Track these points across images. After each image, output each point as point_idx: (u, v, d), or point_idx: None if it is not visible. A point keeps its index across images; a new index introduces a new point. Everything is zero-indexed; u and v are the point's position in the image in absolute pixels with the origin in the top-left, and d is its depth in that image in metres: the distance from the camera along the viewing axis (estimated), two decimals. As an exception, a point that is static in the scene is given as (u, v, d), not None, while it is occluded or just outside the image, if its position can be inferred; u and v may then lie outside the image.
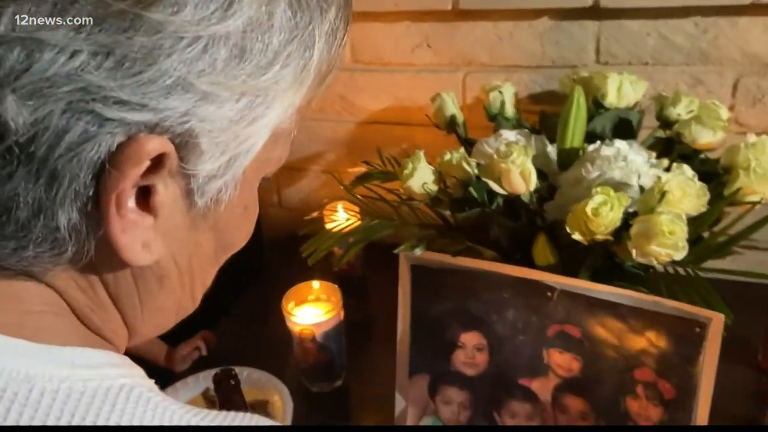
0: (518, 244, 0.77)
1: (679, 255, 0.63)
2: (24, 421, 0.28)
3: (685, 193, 0.66)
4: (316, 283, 0.97)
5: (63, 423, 0.28)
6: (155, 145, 0.29)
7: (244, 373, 0.93)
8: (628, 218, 0.68)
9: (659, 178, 0.68)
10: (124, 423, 0.29)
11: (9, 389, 0.28)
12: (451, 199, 0.80)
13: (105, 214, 0.30)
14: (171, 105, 0.28)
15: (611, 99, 0.90)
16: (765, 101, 0.98)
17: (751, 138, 0.75)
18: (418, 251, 0.77)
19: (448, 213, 0.82)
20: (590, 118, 0.86)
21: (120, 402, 0.30)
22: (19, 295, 0.32)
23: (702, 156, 0.82)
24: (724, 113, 0.79)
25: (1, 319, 0.31)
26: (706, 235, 0.74)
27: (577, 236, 0.66)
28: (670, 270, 0.73)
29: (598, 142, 0.78)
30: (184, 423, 0.31)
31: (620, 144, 0.77)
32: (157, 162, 0.30)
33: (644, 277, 0.72)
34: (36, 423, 0.28)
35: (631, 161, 0.74)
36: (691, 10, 0.96)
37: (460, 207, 0.79)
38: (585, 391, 0.75)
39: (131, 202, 0.30)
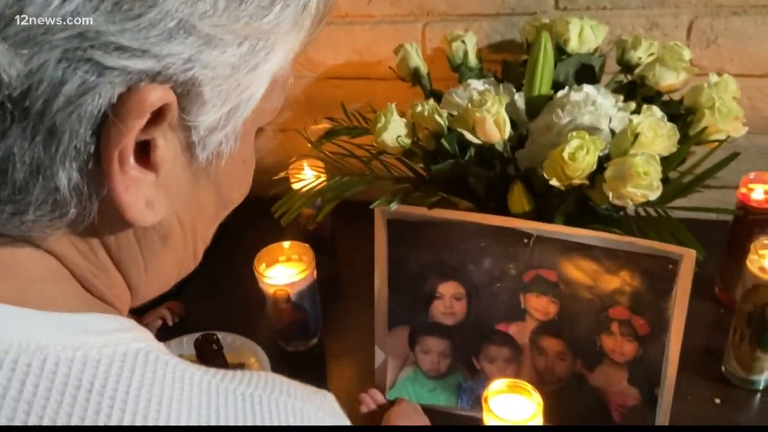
0: (493, 193, 0.77)
1: (654, 195, 0.64)
2: (41, 393, 0.26)
3: (656, 134, 0.67)
4: (286, 244, 0.95)
5: (82, 392, 0.27)
6: (158, 94, 0.27)
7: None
8: (601, 162, 0.69)
9: (631, 120, 0.69)
10: (146, 387, 0.28)
11: (21, 361, 0.26)
12: (424, 152, 0.79)
13: (108, 171, 0.28)
14: (174, 50, 0.27)
15: (573, 45, 0.90)
16: (719, 42, 1.00)
17: (714, 77, 0.77)
18: (393, 205, 0.77)
19: (420, 166, 0.81)
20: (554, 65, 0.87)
21: (139, 366, 0.29)
22: (20, 262, 0.30)
23: (665, 98, 0.83)
24: (687, 54, 0.80)
25: (4, 288, 0.29)
26: (673, 175, 0.76)
27: (554, 182, 0.67)
28: (641, 211, 0.75)
29: (567, 87, 0.79)
30: (204, 384, 0.30)
31: (588, 89, 0.77)
32: (158, 114, 0.28)
33: (617, 219, 0.74)
34: (54, 394, 0.26)
35: (600, 105, 0.75)
36: (647, -47, 0.97)
37: (434, 159, 0.78)
38: (562, 332, 0.77)
39: (132, 158, 0.28)
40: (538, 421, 0.61)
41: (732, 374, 0.85)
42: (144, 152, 0.29)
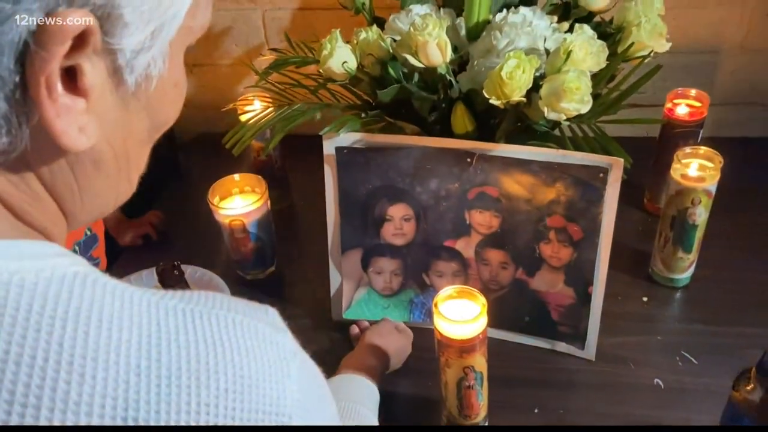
0: (437, 116, 0.80)
1: (585, 108, 0.69)
2: None
3: (587, 51, 0.71)
4: (236, 176, 0.97)
5: (22, 313, 0.27)
6: (77, 19, 0.27)
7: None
8: (537, 80, 0.73)
9: (564, 39, 0.72)
10: (85, 306, 0.29)
11: None
12: (370, 78, 0.81)
13: (37, 99, 0.28)
14: None
15: (510, -32, 0.93)
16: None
17: (639, -4, 0.81)
18: (342, 132, 0.79)
19: (367, 93, 0.84)
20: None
21: (77, 288, 0.29)
22: None
23: (597, 19, 0.87)
24: (616, -25, 0.84)
25: None
26: (603, 92, 0.81)
27: (494, 100, 0.71)
28: (575, 128, 0.80)
29: (505, 11, 0.81)
30: (144, 302, 0.31)
31: (525, 11, 0.80)
32: (81, 39, 0.28)
33: (552, 136, 0.78)
34: None
35: (536, 26, 0.78)
36: None
37: (380, 85, 0.81)
38: (504, 243, 0.83)
39: (60, 86, 0.29)
40: (484, 320, 0.67)
41: (657, 275, 0.93)
42: (71, 79, 0.29)
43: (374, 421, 0.70)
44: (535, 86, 0.73)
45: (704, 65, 1.14)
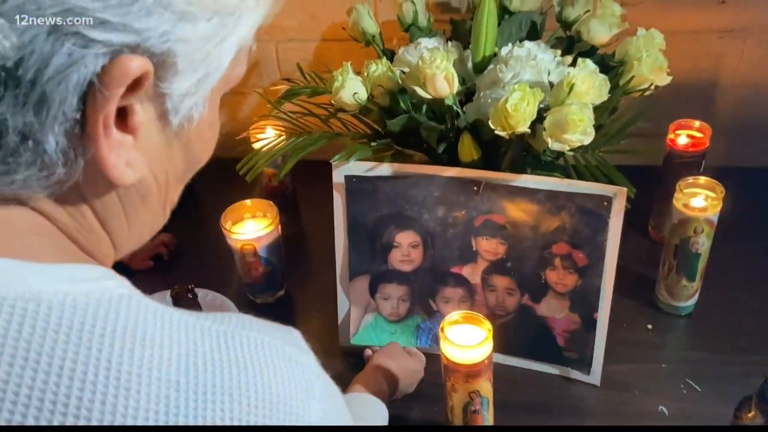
0: (445, 145, 0.83)
1: (588, 139, 0.71)
2: (37, 335, 0.29)
3: (589, 85, 0.74)
4: (248, 201, 1.00)
5: (74, 332, 0.30)
6: (138, 64, 0.30)
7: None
8: (541, 112, 0.76)
9: (568, 73, 0.75)
10: (130, 326, 0.31)
11: (18, 306, 0.29)
12: (380, 108, 0.84)
13: (94, 135, 0.31)
14: (151, 25, 0.30)
15: (516, 3, 0.96)
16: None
17: (642, 31, 0.84)
18: (352, 160, 0.82)
19: (376, 122, 0.86)
20: (498, 24, 0.92)
21: (123, 309, 0.32)
22: (10, 219, 0.33)
23: (599, 52, 0.90)
24: (618, 10, 0.87)
25: None
26: (605, 123, 0.84)
27: (499, 131, 0.73)
28: (579, 157, 0.82)
29: (510, 44, 0.84)
30: (183, 323, 0.33)
31: (530, 45, 0.83)
32: (136, 82, 0.31)
33: (557, 165, 0.81)
34: (49, 333, 0.29)
35: (540, 60, 0.81)
36: None
37: (389, 115, 0.83)
38: (510, 270, 0.85)
39: (113, 124, 0.32)
40: (489, 345, 0.68)
41: (662, 302, 0.94)
42: (122, 117, 0.32)
43: None
44: (540, 118, 0.75)
45: (707, 96, 1.17)
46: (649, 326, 0.93)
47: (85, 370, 0.29)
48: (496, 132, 0.74)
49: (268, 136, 0.99)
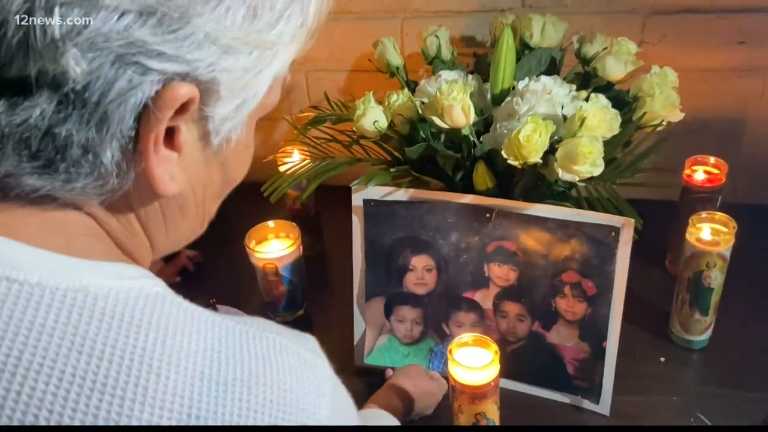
0: (461, 173, 0.86)
1: (597, 171, 0.74)
2: (84, 320, 0.33)
3: (601, 119, 0.76)
4: (271, 223, 1.04)
5: (116, 321, 0.34)
6: (186, 90, 0.34)
7: (212, 309, 0.99)
8: (554, 144, 0.78)
9: (580, 107, 0.78)
10: (164, 320, 0.35)
11: (68, 296, 0.34)
12: (400, 136, 0.88)
13: (145, 151, 0.35)
14: (201, 57, 0.34)
15: (536, 39, 0.99)
16: (669, 39, 1.10)
17: (656, 69, 0.86)
18: (371, 185, 0.86)
19: (396, 149, 0.90)
20: (519, 58, 0.96)
21: (158, 305, 0.36)
22: (67, 221, 0.38)
23: (615, 87, 0.92)
24: (633, 48, 0.90)
25: (54, 240, 0.37)
26: (619, 155, 0.86)
27: (512, 160, 0.76)
28: (591, 188, 0.84)
29: (527, 78, 0.88)
30: (210, 320, 0.37)
31: (546, 80, 0.86)
32: (183, 106, 0.35)
33: (568, 195, 0.83)
34: (94, 321, 0.33)
35: (556, 94, 0.84)
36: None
37: (408, 143, 0.87)
38: (521, 296, 0.87)
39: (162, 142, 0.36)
40: (496, 366, 0.70)
41: (676, 336, 0.94)
42: (170, 136, 0.37)
43: None
44: (552, 149, 0.78)
45: (727, 133, 1.18)
46: (662, 359, 0.93)
47: (123, 355, 0.33)
48: (509, 161, 0.76)
49: (293, 160, 1.04)
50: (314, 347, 0.41)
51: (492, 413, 0.73)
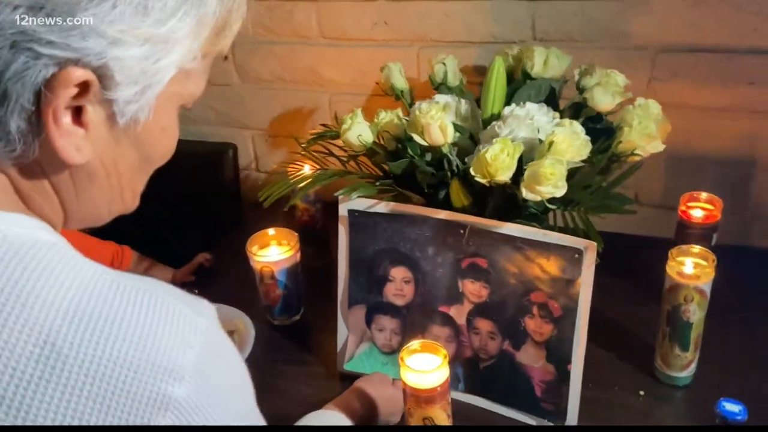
0: (440, 189, 0.90)
1: (560, 192, 0.76)
2: None
3: (569, 143, 0.78)
4: (271, 230, 1.10)
5: (6, 259, 0.39)
6: (80, 74, 0.40)
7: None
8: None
9: (552, 132, 0.80)
10: (43, 263, 0.39)
11: None
12: (386, 152, 0.92)
13: (45, 123, 0.41)
14: (88, 46, 0.40)
15: (537, 70, 1.03)
16: (679, 77, 1.10)
17: (640, 101, 0.88)
18: (355, 195, 0.90)
19: (383, 164, 0.95)
20: (519, 87, 0.99)
21: (42, 250, 0.40)
22: None
23: (605, 118, 0.94)
24: (622, 81, 0.91)
25: None
26: (604, 183, 0.87)
27: (479, 178, 0.79)
28: (567, 215, 0.86)
29: (513, 104, 0.91)
30: (92, 270, 0.41)
31: (531, 106, 0.90)
32: (85, 88, 0.41)
33: (540, 216, 0.85)
34: None
35: (537, 120, 0.87)
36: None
37: (393, 159, 0.92)
38: (492, 314, 0.88)
39: (67, 117, 0.41)
40: (445, 370, 0.72)
41: (659, 371, 0.93)
42: (79, 114, 0.43)
43: None
44: (522, 170, 0.80)
45: (734, 172, 1.15)
46: (641, 392, 0.92)
47: (1, 288, 0.38)
48: (476, 178, 0.80)
49: (303, 172, 1.10)
50: (203, 310, 0.44)
51: (440, 419, 0.75)
